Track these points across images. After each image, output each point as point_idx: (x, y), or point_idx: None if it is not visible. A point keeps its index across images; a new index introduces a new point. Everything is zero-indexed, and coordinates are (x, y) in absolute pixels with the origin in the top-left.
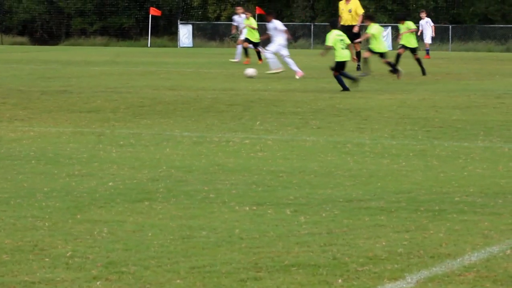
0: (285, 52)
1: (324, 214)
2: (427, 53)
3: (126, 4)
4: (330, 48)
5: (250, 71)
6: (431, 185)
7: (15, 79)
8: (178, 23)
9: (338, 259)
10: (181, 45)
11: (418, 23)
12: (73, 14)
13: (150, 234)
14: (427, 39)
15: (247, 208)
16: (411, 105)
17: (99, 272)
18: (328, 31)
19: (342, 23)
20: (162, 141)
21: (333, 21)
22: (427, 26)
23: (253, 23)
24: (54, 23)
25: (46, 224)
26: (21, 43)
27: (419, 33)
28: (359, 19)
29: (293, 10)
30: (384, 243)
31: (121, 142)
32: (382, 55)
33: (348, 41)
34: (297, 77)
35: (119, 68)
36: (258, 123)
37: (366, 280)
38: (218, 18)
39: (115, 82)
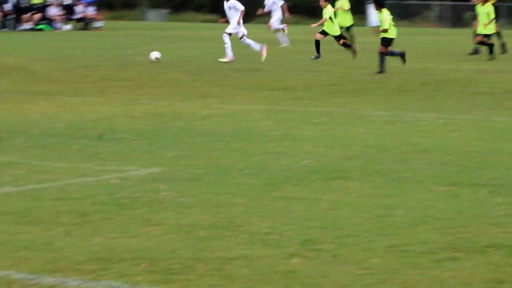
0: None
1: None
2: None
3: None
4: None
5: (154, 54)
6: None
7: (207, 56)
8: (366, 2)
9: None
10: (370, 25)
11: None
12: None
13: (345, 212)
14: None
15: (442, 188)
16: None
17: (296, 250)
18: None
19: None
20: (355, 120)
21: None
22: None
23: (345, 4)
24: (255, 2)
25: (242, 200)
26: (212, 21)
27: None
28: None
29: None
30: None
31: (314, 120)
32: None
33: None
34: (262, 54)
35: (309, 46)
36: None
37: None
38: None
39: (305, 60)
